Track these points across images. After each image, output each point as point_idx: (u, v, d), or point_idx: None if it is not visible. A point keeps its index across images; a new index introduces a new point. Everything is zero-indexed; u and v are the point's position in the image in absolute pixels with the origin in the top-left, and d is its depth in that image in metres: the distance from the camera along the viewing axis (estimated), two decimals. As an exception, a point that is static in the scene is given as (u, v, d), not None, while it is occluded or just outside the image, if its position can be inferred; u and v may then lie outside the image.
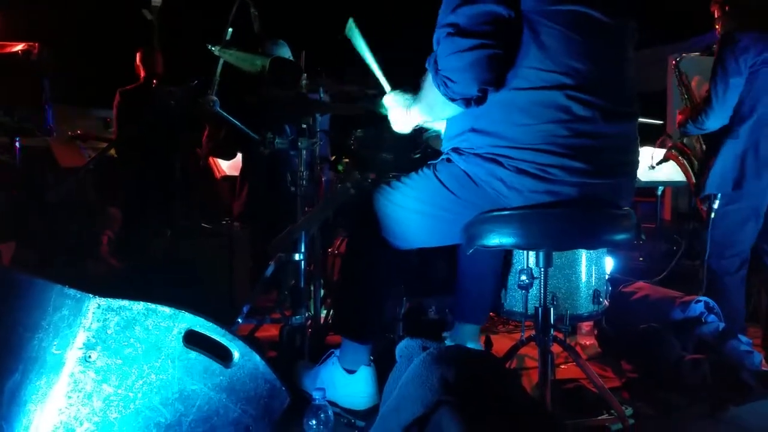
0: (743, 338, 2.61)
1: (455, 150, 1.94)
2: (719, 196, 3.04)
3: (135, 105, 4.58)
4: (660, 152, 3.90)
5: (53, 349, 1.49)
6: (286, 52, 3.69)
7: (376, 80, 2.35)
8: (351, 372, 2.20)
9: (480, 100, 1.79)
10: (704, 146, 3.26)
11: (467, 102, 1.80)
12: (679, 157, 3.52)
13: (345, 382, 2.20)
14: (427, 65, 1.87)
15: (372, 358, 2.24)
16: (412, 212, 2.04)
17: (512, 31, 1.75)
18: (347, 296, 2.30)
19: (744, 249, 3.08)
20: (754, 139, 2.94)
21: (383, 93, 2.30)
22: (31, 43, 5.76)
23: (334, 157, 3.43)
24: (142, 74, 4.70)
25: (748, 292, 3.16)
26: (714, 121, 2.99)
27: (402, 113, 2.16)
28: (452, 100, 1.80)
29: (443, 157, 2.01)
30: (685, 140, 3.53)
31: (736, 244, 3.07)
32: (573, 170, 1.78)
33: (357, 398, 2.19)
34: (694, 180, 3.40)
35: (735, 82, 2.90)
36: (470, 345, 2.47)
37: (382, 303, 2.26)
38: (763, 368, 2.55)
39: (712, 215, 3.07)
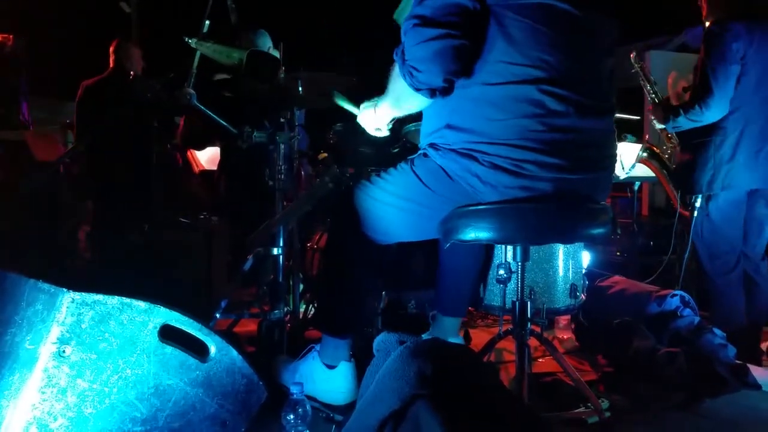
0: (717, 332, 2.64)
1: (432, 145, 1.95)
2: (700, 195, 3.02)
3: (97, 99, 4.51)
4: (629, 153, 3.91)
5: (26, 344, 1.47)
6: (266, 42, 3.67)
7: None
8: (331, 367, 2.20)
9: (445, 90, 1.82)
10: (678, 146, 3.23)
11: (432, 92, 1.82)
12: (651, 161, 3.52)
13: (325, 377, 2.19)
14: (394, 56, 1.89)
15: (352, 353, 2.24)
16: (391, 207, 2.04)
17: (478, 23, 1.77)
18: (327, 292, 2.30)
19: (733, 247, 3.04)
20: (738, 136, 2.91)
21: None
22: (5, 35, 5.68)
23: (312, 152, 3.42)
24: (110, 66, 4.64)
25: None
26: (715, 111, 2.88)
27: (371, 113, 2.17)
28: (417, 90, 1.83)
29: (420, 152, 2.02)
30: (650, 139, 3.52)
31: (722, 242, 3.04)
32: (548, 166, 1.79)
33: (336, 393, 2.18)
34: (667, 179, 3.40)
35: (734, 69, 2.83)
36: (451, 338, 2.48)
37: (361, 298, 2.26)
38: (737, 361, 2.58)
39: (695, 214, 3.05)
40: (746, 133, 2.92)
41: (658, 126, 3.26)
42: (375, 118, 2.18)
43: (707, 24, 3.01)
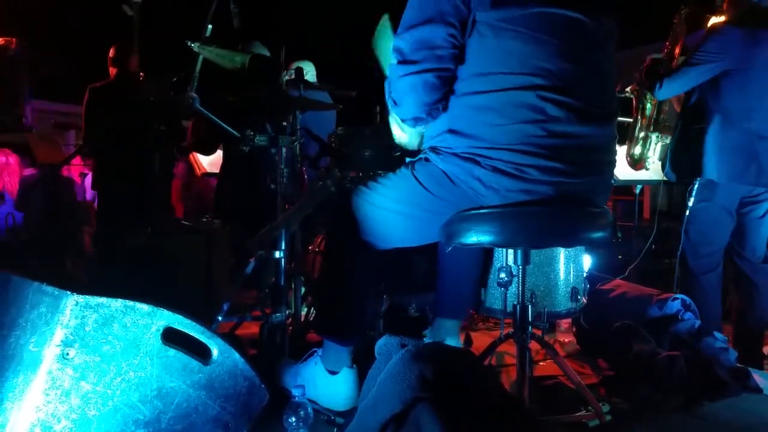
0: (719, 335, 2.64)
1: (433, 149, 1.96)
2: (694, 192, 3.06)
3: (104, 102, 4.52)
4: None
5: (31, 347, 1.48)
6: (261, 52, 3.68)
7: None
8: (333, 373, 2.20)
9: (430, 117, 1.91)
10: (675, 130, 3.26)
11: (415, 121, 1.93)
12: (641, 96, 3.58)
13: (326, 383, 2.19)
14: (385, 86, 1.99)
15: (353, 358, 2.24)
16: (391, 212, 2.04)
17: (456, 50, 1.84)
18: (328, 298, 2.30)
19: (719, 248, 3.11)
20: (730, 135, 2.95)
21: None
22: (8, 38, 5.69)
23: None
24: (113, 71, 4.65)
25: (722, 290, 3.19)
26: (664, 93, 3.07)
27: (395, 125, 2.23)
28: (403, 120, 1.96)
29: (421, 156, 2.02)
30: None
31: (712, 243, 3.09)
32: (549, 170, 1.80)
33: (337, 399, 2.18)
34: (636, 126, 3.48)
35: (704, 69, 2.93)
36: (450, 340, 2.48)
37: (363, 303, 2.26)
38: (738, 365, 2.59)
39: (687, 212, 3.09)
40: (740, 130, 2.95)
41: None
42: (399, 130, 2.24)
43: (713, 23, 3.07)
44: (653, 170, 3.96)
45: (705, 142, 3.01)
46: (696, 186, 3.06)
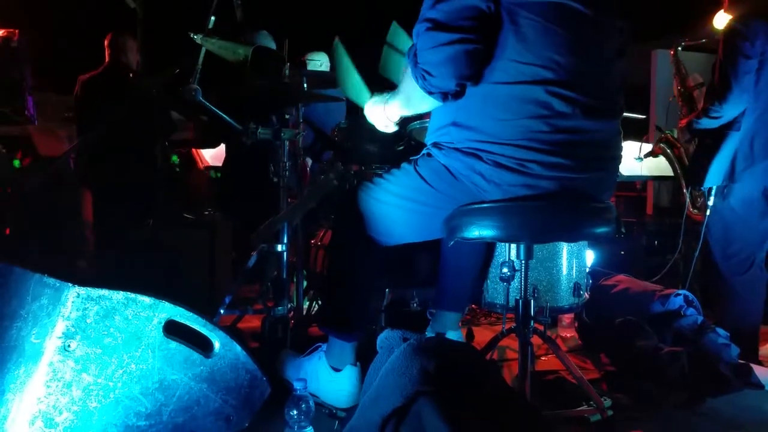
0: (721, 331, 2.63)
1: (435, 145, 1.95)
2: (713, 193, 2.99)
3: (96, 93, 4.49)
4: (647, 144, 3.91)
5: (32, 338, 1.48)
6: (269, 42, 3.68)
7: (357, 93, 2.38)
8: (337, 370, 2.19)
9: (458, 94, 1.81)
10: (696, 140, 3.20)
11: (444, 96, 1.82)
12: (667, 151, 3.50)
13: (329, 379, 2.19)
14: (407, 58, 1.88)
15: (357, 355, 2.24)
16: (394, 207, 2.04)
17: (492, 25, 1.75)
18: (332, 293, 2.30)
19: (746, 246, 2.98)
20: (755, 132, 2.88)
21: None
22: (11, 30, 5.69)
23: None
24: (106, 60, 4.62)
25: None
26: (733, 106, 2.85)
27: (380, 110, 2.16)
28: (430, 93, 1.82)
29: (424, 152, 2.02)
30: (676, 134, 3.51)
31: (735, 242, 2.99)
32: (552, 165, 1.79)
33: (340, 396, 2.18)
34: (680, 173, 3.38)
35: (753, 64, 2.81)
36: (450, 333, 2.48)
37: (367, 299, 2.25)
38: (740, 361, 2.58)
39: (707, 213, 3.02)
40: (762, 129, 2.89)
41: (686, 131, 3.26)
42: (384, 115, 2.17)
43: (728, 20, 2.98)
44: (656, 166, 3.95)
45: (725, 145, 2.93)
46: (715, 187, 2.99)
